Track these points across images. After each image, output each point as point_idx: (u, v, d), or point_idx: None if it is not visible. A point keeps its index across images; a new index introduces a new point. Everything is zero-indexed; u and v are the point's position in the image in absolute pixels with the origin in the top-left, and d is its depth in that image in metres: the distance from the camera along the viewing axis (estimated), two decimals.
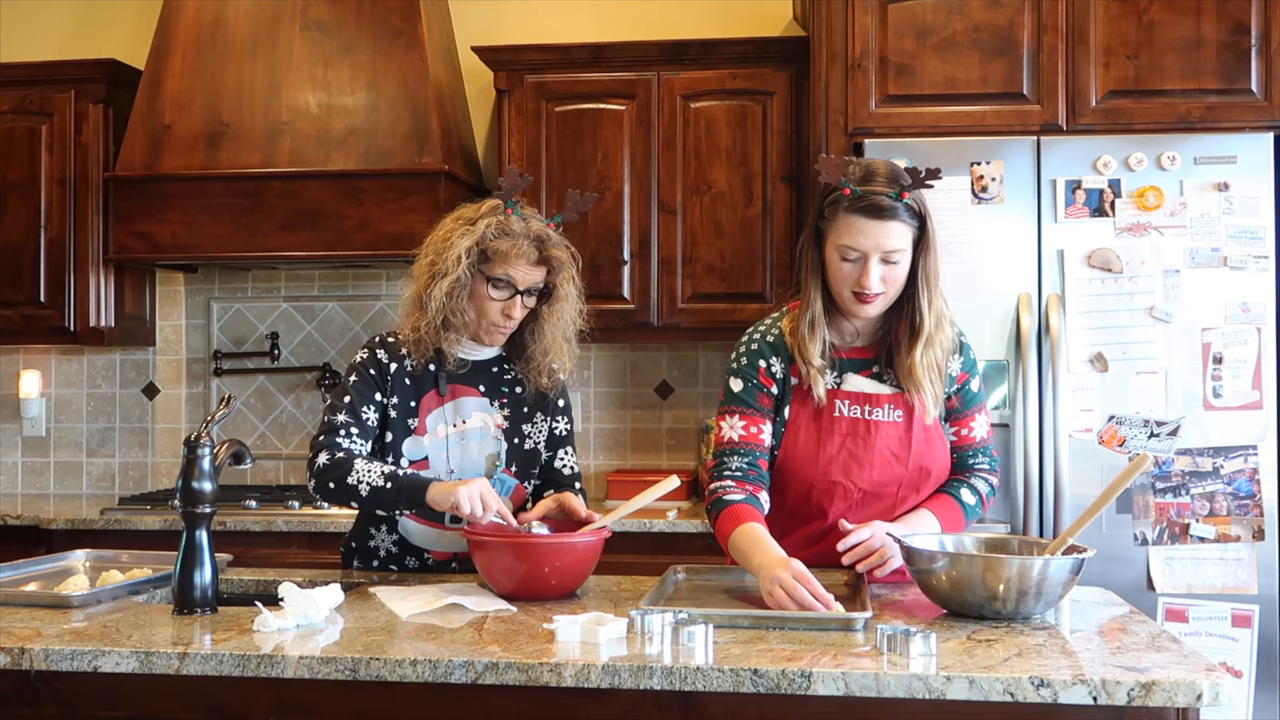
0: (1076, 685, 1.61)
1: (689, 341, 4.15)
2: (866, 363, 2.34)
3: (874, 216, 2.18)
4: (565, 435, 2.62)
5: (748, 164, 3.93)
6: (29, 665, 1.82)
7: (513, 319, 2.47)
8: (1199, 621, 3.25)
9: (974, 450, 2.41)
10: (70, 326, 4.18)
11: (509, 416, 2.53)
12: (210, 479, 2.10)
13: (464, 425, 2.49)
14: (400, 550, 2.52)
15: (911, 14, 3.49)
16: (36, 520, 3.83)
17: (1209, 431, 3.27)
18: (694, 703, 1.71)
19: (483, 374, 2.54)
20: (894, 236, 2.19)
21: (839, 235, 2.22)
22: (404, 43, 3.97)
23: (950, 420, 2.39)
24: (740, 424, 2.31)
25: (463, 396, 2.51)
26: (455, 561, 2.52)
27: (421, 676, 1.74)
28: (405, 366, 2.49)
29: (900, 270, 2.23)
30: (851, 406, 2.30)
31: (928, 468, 2.32)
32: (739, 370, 2.35)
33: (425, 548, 2.51)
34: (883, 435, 2.29)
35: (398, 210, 3.85)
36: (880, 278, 2.21)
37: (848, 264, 2.22)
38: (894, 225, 2.19)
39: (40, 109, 4.18)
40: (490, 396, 2.53)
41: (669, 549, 3.53)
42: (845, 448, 2.30)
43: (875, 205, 2.18)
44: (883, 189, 2.19)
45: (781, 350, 2.34)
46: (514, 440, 2.52)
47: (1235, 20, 3.39)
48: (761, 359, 2.34)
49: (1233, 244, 3.29)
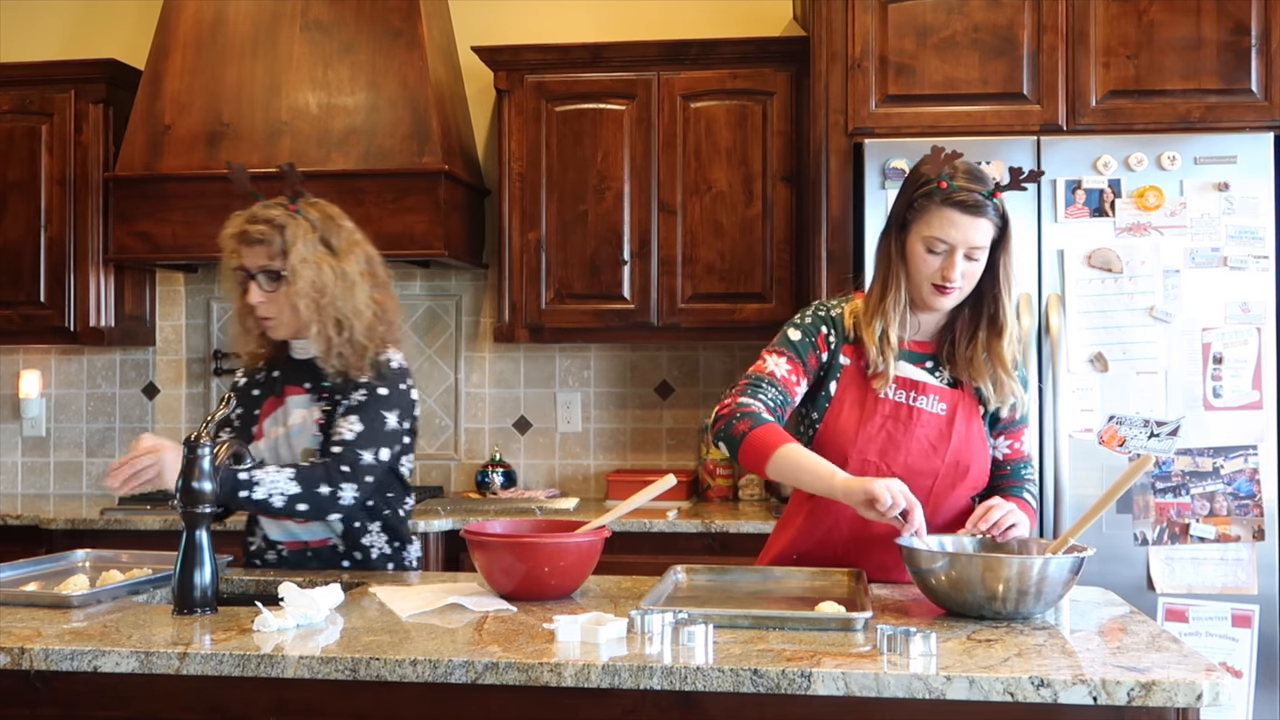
0: (1076, 685, 1.61)
1: (689, 341, 4.15)
2: (922, 356, 2.38)
3: (966, 212, 2.25)
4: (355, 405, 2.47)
5: (748, 164, 3.93)
6: (29, 665, 1.82)
7: (256, 304, 2.47)
8: (1199, 621, 3.25)
9: (1025, 463, 2.47)
10: (70, 326, 4.18)
11: (327, 409, 2.53)
12: (210, 479, 2.10)
13: (288, 424, 2.53)
14: (265, 545, 2.60)
15: (911, 14, 3.49)
16: (36, 520, 3.83)
17: (1209, 431, 3.27)
18: (694, 703, 1.70)
19: (307, 370, 2.56)
20: (981, 233, 2.27)
21: (929, 227, 2.27)
22: (404, 43, 3.97)
23: (1005, 433, 2.43)
24: (786, 365, 2.35)
25: (291, 395, 2.55)
26: (309, 550, 2.56)
27: (421, 676, 1.74)
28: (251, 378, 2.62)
29: (979, 268, 2.30)
30: (897, 391, 2.34)
31: (965, 464, 2.34)
32: (802, 325, 2.40)
33: (279, 541, 2.57)
34: (923, 423, 2.33)
35: (398, 210, 3.85)
36: (962, 272, 2.27)
37: (933, 256, 2.28)
38: (983, 222, 2.26)
39: (40, 109, 4.18)
40: (314, 392, 2.54)
41: (669, 549, 3.53)
42: (885, 429, 2.33)
43: (969, 201, 2.25)
44: (976, 186, 2.27)
45: (840, 329, 2.39)
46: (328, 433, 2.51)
47: (1235, 20, 3.39)
48: (825, 325, 2.39)
49: (1233, 244, 3.29)
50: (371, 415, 2.47)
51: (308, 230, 2.46)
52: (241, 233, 2.47)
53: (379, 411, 2.48)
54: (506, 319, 4.03)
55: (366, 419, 2.46)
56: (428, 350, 4.42)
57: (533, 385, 4.38)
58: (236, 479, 2.33)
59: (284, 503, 2.36)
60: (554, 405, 4.36)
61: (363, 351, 2.48)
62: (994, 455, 2.42)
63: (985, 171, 2.32)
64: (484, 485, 4.22)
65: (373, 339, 2.50)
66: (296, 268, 2.43)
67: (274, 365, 2.61)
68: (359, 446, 2.44)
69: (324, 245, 2.48)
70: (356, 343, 2.47)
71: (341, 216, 2.57)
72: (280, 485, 2.35)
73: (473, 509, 3.87)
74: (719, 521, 3.60)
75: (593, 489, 4.34)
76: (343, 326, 2.46)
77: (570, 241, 4.00)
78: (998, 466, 2.43)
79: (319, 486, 2.38)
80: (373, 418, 2.47)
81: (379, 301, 2.54)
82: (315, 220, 2.49)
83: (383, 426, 2.48)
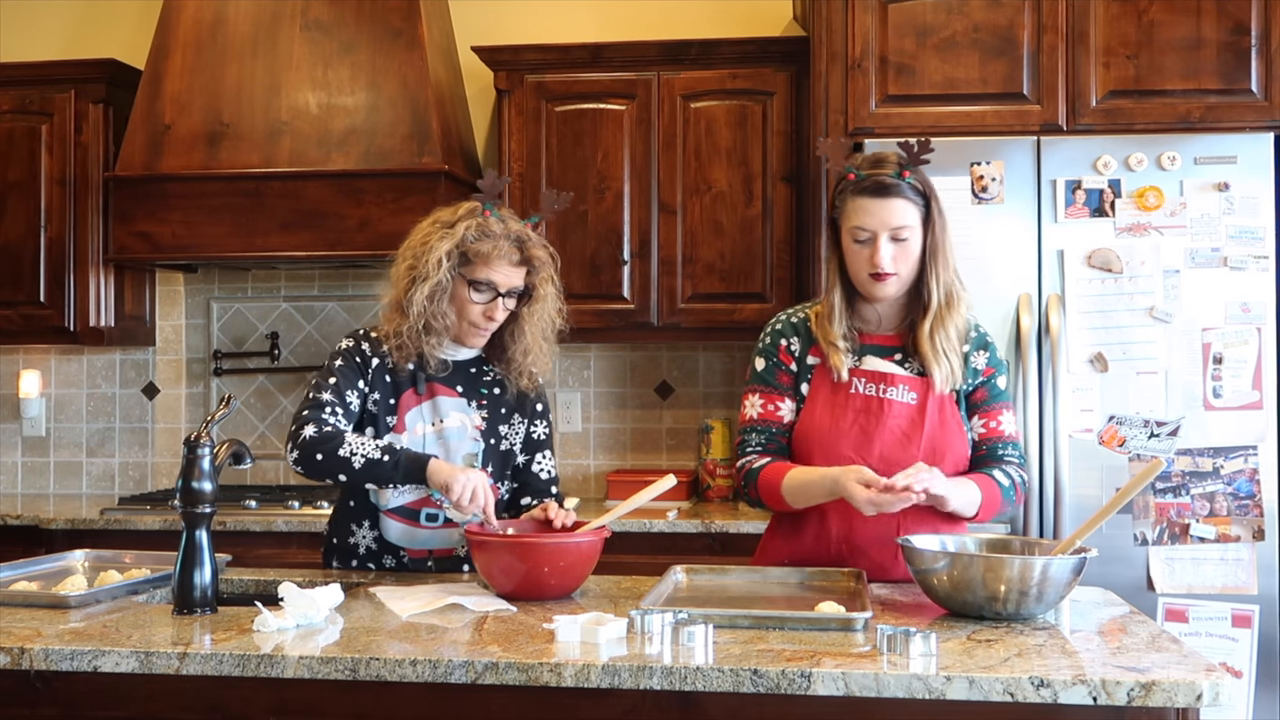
0: (1076, 685, 1.61)
1: (689, 341, 4.15)
2: (890, 349, 2.41)
3: (878, 195, 2.30)
4: (543, 440, 2.62)
5: (748, 164, 3.93)
6: (29, 665, 1.82)
7: (494, 320, 2.48)
8: (1199, 621, 3.25)
9: (1004, 442, 2.43)
10: (70, 326, 4.17)
11: (487, 418, 2.54)
12: (210, 479, 2.10)
13: (442, 425, 2.51)
14: (379, 548, 2.54)
15: (911, 14, 3.49)
16: (36, 520, 3.83)
17: (1209, 432, 3.27)
18: (694, 703, 1.71)
19: (461, 374, 2.55)
20: (899, 213, 2.30)
21: (849, 219, 2.33)
22: (404, 43, 3.97)
23: (979, 413, 2.42)
24: (760, 402, 2.44)
25: (440, 396, 2.52)
26: (431, 559, 2.53)
27: (421, 676, 1.74)
28: (386, 364, 2.51)
29: (911, 248, 2.32)
30: (867, 385, 2.36)
31: (941, 450, 2.34)
32: (762, 350, 2.47)
33: (401, 546, 2.52)
34: (894, 414, 2.34)
35: (398, 210, 3.84)
36: (892, 256, 2.30)
37: (860, 246, 2.32)
38: (897, 202, 2.30)
39: (40, 109, 4.18)
40: (468, 397, 2.54)
41: (669, 549, 3.53)
42: (857, 424, 2.35)
43: (878, 184, 2.30)
44: (882, 170, 2.31)
45: (803, 332, 2.44)
46: (490, 441, 2.53)
47: (1235, 20, 3.39)
48: (783, 338, 2.45)
49: (1233, 244, 3.29)
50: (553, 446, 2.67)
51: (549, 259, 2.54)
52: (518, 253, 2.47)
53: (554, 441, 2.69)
54: None
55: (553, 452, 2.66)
56: None
57: None
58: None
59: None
60: (554, 405, 4.36)
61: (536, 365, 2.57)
62: (971, 437, 2.42)
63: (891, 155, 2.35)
64: None
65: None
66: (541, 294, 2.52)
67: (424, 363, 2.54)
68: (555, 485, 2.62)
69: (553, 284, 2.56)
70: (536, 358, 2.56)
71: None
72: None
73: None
74: (719, 521, 3.60)
75: (593, 489, 4.33)
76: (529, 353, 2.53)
77: (570, 241, 3.99)
78: (975, 448, 2.42)
79: None
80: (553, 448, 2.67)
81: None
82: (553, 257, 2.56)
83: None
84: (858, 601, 2.05)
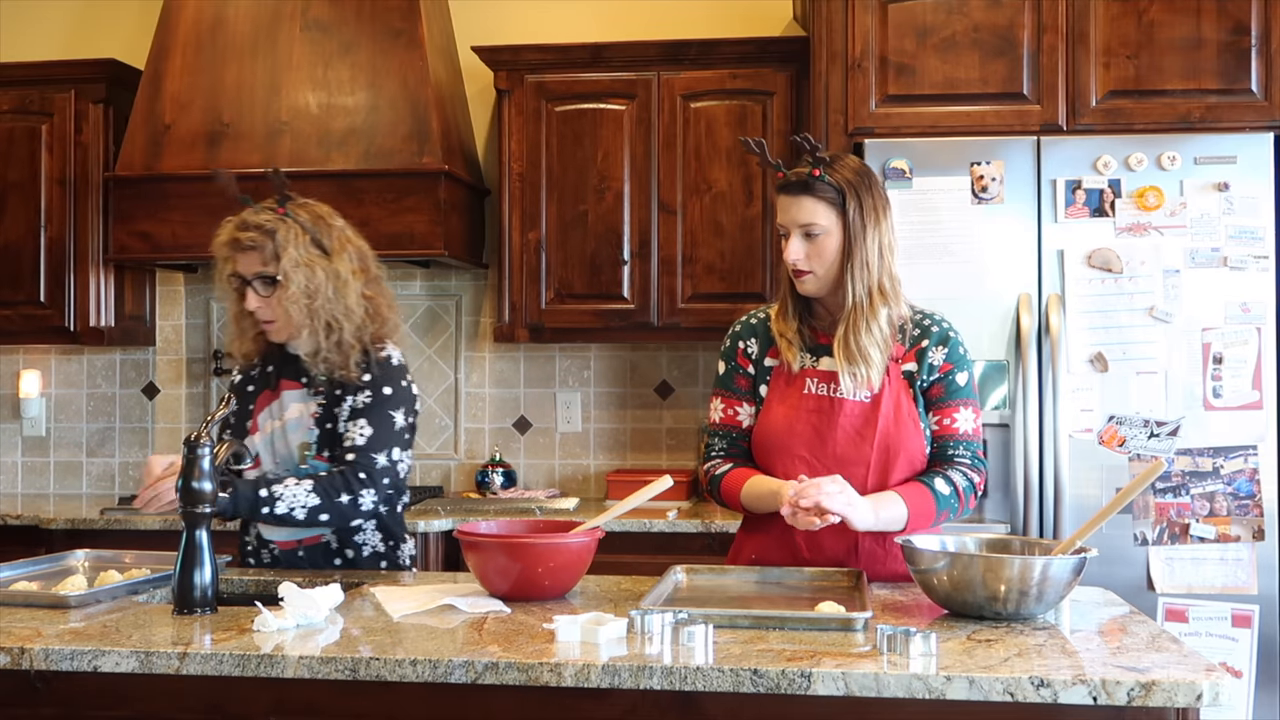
0: (1076, 685, 1.61)
1: (689, 341, 4.15)
2: None
3: (789, 193, 2.36)
4: (359, 409, 2.50)
5: (748, 164, 3.93)
6: (29, 665, 1.82)
7: (258, 308, 2.49)
8: (1199, 621, 3.25)
9: (955, 441, 2.37)
10: (70, 326, 4.18)
11: (324, 403, 2.54)
12: (210, 479, 2.10)
13: (284, 418, 2.55)
14: (258, 544, 2.61)
15: (911, 14, 3.49)
16: (36, 520, 3.83)
17: (1209, 431, 3.27)
18: (694, 703, 1.70)
19: (303, 365, 2.57)
20: (807, 211, 2.34)
21: (777, 216, 2.41)
22: (404, 43, 3.97)
23: (932, 409, 2.38)
24: (721, 406, 2.49)
25: (285, 390, 2.57)
26: (301, 549, 2.56)
27: (421, 676, 1.74)
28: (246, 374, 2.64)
29: (826, 246, 2.34)
30: (820, 384, 2.37)
31: (896, 448, 2.33)
32: (723, 354, 2.51)
33: (271, 540, 2.57)
34: (847, 413, 2.34)
35: (398, 210, 3.85)
36: (805, 254, 2.34)
37: (784, 241, 2.37)
38: (806, 200, 2.33)
39: (40, 109, 4.18)
40: (310, 386, 2.56)
41: (669, 549, 3.53)
42: (811, 424, 2.35)
43: (788, 182, 2.36)
44: (798, 169, 2.36)
45: (762, 333, 2.47)
46: (326, 425, 2.53)
47: (1235, 20, 3.39)
48: (740, 340, 2.49)
49: (1233, 244, 3.29)
50: (380, 417, 2.49)
51: (299, 233, 2.48)
52: (234, 240, 2.48)
53: (386, 412, 2.49)
54: (506, 319, 4.03)
55: (376, 421, 2.48)
56: (428, 350, 4.42)
57: (533, 385, 4.38)
58: (257, 496, 2.36)
59: (306, 515, 2.39)
60: (554, 405, 4.36)
61: (349, 352, 2.49)
62: (927, 433, 2.38)
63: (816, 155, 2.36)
64: (484, 485, 4.22)
65: (362, 338, 2.52)
66: (289, 272, 2.44)
67: (269, 360, 2.63)
68: (373, 450, 2.46)
69: (316, 247, 2.49)
70: (345, 343, 2.49)
71: (332, 215, 2.58)
72: (301, 499, 2.38)
73: (473, 509, 3.87)
74: (719, 521, 3.60)
75: (593, 489, 4.34)
76: (332, 329, 2.48)
77: (570, 241, 4.00)
78: (931, 445, 2.38)
79: (339, 495, 2.40)
80: (381, 419, 2.48)
81: (371, 298, 2.56)
82: (305, 222, 2.50)
83: (392, 427, 2.49)
84: (858, 601, 2.05)
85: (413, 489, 4.27)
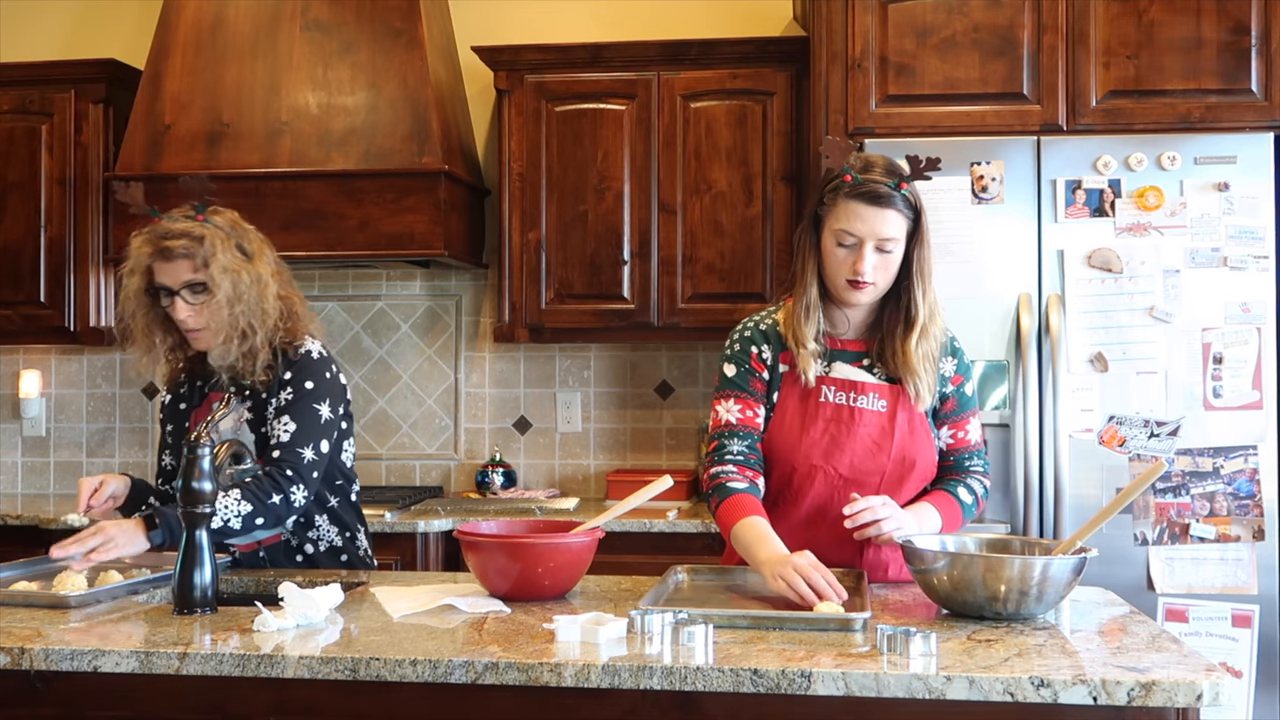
0: (1076, 685, 1.61)
1: (689, 341, 4.15)
2: (858, 354, 2.38)
3: (872, 203, 2.25)
4: (282, 405, 2.50)
5: (748, 164, 3.93)
6: (29, 665, 1.82)
7: (184, 319, 2.47)
8: (1199, 621, 3.25)
9: (970, 453, 2.42)
10: (70, 326, 4.18)
11: (254, 407, 2.54)
12: (210, 479, 2.10)
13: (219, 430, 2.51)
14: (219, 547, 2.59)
15: (911, 14, 3.49)
16: (36, 520, 3.83)
17: (1209, 431, 3.27)
18: (694, 703, 1.70)
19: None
20: (889, 225, 2.26)
21: (837, 220, 2.28)
22: (404, 43, 3.97)
23: (947, 423, 2.40)
24: (736, 407, 2.37)
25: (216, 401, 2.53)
26: (261, 550, 2.57)
27: (421, 676, 1.74)
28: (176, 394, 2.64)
29: (893, 260, 2.29)
30: (837, 393, 2.34)
31: (911, 459, 2.33)
32: (732, 356, 2.41)
33: (232, 542, 2.56)
34: (864, 423, 2.32)
35: (398, 210, 3.85)
36: (874, 266, 2.27)
37: (843, 250, 2.28)
38: (890, 214, 2.26)
39: (40, 109, 4.18)
40: (237, 393, 2.55)
41: (669, 549, 3.53)
42: (828, 433, 2.32)
43: (874, 193, 2.25)
44: (881, 179, 2.26)
45: (773, 338, 2.39)
46: (260, 430, 2.53)
47: (1235, 20, 3.39)
48: (754, 345, 2.40)
49: (1233, 244, 3.29)
50: (303, 411, 2.49)
51: (224, 238, 2.48)
52: (161, 249, 2.45)
53: (310, 405, 2.50)
54: (506, 319, 4.03)
55: (299, 416, 2.48)
56: (428, 350, 4.42)
57: (533, 385, 4.38)
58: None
59: (242, 523, 2.37)
60: (554, 405, 4.36)
61: (256, 356, 2.49)
62: (939, 446, 2.40)
63: (896, 164, 2.30)
64: (484, 485, 4.22)
65: (273, 341, 2.52)
66: (218, 277, 2.44)
67: (194, 376, 2.63)
68: (297, 445, 2.46)
69: (240, 251, 2.50)
70: (254, 349, 2.49)
71: (243, 220, 2.58)
72: (233, 508, 2.35)
73: (472, 509, 3.87)
74: None
75: (593, 489, 4.34)
76: (246, 336, 2.48)
77: (570, 241, 4.00)
78: (943, 457, 2.41)
79: (270, 497, 2.40)
80: (304, 413, 2.49)
81: (285, 298, 2.57)
82: (226, 227, 2.51)
83: (317, 420, 2.50)
84: (857, 601, 2.05)
85: (413, 489, 4.28)
